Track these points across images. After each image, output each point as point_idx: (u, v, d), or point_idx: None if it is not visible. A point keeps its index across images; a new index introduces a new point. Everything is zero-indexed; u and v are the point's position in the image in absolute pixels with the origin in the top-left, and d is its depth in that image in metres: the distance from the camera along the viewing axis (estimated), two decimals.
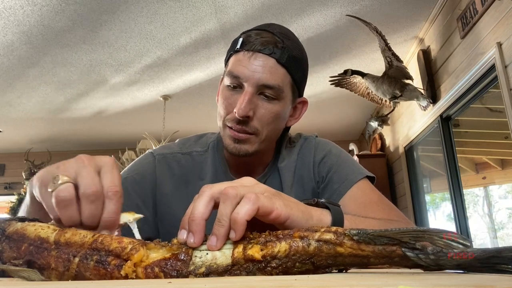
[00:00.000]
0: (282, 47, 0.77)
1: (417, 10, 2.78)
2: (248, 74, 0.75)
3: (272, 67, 0.76)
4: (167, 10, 2.67)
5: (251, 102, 0.76)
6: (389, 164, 4.26)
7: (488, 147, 3.56)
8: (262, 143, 0.80)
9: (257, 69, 0.75)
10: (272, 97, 0.77)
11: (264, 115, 0.77)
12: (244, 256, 0.38)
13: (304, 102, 0.89)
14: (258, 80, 0.75)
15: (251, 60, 0.76)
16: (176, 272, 0.38)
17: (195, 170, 0.87)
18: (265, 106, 0.77)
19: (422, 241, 0.36)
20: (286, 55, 0.77)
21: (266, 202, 0.45)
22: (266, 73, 0.75)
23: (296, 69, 0.80)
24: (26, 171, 5.33)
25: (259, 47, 0.76)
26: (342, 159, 0.87)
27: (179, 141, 0.93)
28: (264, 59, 0.76)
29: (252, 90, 0.76)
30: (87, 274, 0.38)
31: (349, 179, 0.81)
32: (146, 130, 4.34)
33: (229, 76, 0.78)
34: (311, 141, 0.92)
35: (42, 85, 3.69)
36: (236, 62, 0.77)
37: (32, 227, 0.42)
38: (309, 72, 4.41)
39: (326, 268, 0.39)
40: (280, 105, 0.79)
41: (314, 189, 0.86)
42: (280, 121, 0.82)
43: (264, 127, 0.78)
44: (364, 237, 0.37)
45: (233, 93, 0.78)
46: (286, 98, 0.80)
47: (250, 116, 0.76)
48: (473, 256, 0.34)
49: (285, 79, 0.78)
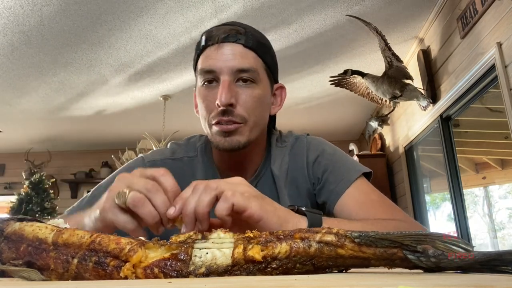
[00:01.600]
0: (246, 33, 0.77)
1: (417, 10, 2.78)
2: (220, 64, 0.75)
3: (241, 51, 0.76)
4: (167, 10, 2.67)
5: (231, 89, 0.74)
6: (389, 164, 4.26)
7: (488, 147, 3.56)
8: (252, 132, 0.78)
9: (227, 57, 0.75)
10: (250, 80, 0.76)
11: (247, 101, 0.76)
12: (245, 257, 0.38)
13: (281, 87, 0.89)
14: (232, 67, 0.75)
15: (219, 51, 0.75)
16: (176, 273, 0.37)
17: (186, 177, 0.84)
18: (246, 92, 0.76)
19: (424, 245, 0.36)
20: (251, 39, 0.77)
21: (241, 200, 0.50)
22: (237, 58, 0.75)
23: (264, 52, 0.80)
24: (26, 171, 5.33)
25: (223, 37, 0.75)
26: (336, 158, 0.85)
27: (171, 146, 0.92)
28: (231, 46, 0.76)
29: (229, 78, 0.75)
30: (87, 275, 0.38)
31: (345, 178, 0.79)
32: (146, 130, 4.34)
33: (202, 74, 0.77)
34: (302, 140, 0.89)
35: (42, 85, 3.69)
36: (205, 58, 0.77)
37: (30, 228, 0.42)
38: (309, 72, 4.37)
39: (326, 269, 0.39)
40: (260, 89, 0.78)
41: (309, 191, 0.84)
42: (264, 106, 0.80)
43: (250, 114, 0.77)
44: (366, 240, 0.37)
45: (211, 89, 0.77)
46: (263, 81, 0.79)
47: (234, 104, 0.75)
48: (473, 257, 0.34)
49: (257, 61, 0.78)
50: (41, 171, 5.12)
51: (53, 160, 5.55)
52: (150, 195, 0.50)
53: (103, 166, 5.44)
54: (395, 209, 0.77)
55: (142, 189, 0.50)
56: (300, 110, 4.50)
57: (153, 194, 0.50)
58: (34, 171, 5.23)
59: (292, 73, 3.57)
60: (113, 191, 0.52)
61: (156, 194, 0.50)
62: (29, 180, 4.83)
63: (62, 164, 5.68)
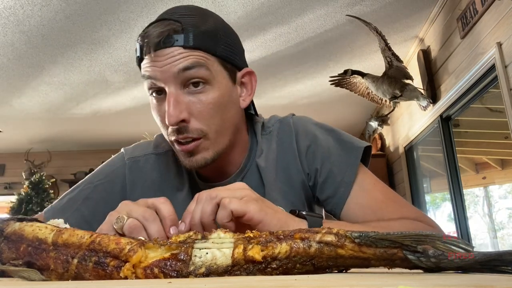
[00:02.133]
0: (183, 29, 0.64)
1: (417, 10, 2.78)
2: (160, 73, 0.64)
3: (182, 53, 0.64)
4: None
5: (179, 102, 0.64)
6: (389, 164, 4.26)
7: (488, 147, 3.56)
8: (217, 143, 0.69)
9: (166, 67, 0.64)
10: (201, 82, 0.65)
11: (201, 111, 0.66)
12: (245, 257, 0.38)
13: (249, 73, 0.75)
14: (173, 73, 0.64)
15: (155, 61, 0.64)
16: (176, 273, 0.37)
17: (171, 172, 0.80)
18: (199, 100, 0.65)
19: (424, 245, 0.36)
20: (191, 35, 0.64)
21: (239, 205, 0.52)
22: (178, 63, 0.64)
23: (213, 43, 0.67)
24: (26, 171, 5.32)
25: (156, 43, 0.64)
26: (331, 144, 0.77)
27: (156, 138, 0.86)
28: (168, 52, 0.64)
29: (174, 87, 0.65)
30: (86, 275, 0.38)
31: (350, 165, 0.73)
32: (146, 130, 4.33)
33: (146, 82, 0.68)
34: (287, 122, 0.80)
35: (42, 85, 3.69)
36: (145, 67, 0.66)
37: (30, 228, 0.42)
38: (309, 72, 4.35)
39: (326, 269, 0.39)
40: (216, 89, 0.67)
41: (303, 182, 0.77)
42: (226, 108, 0.69)
43: (209, 124, 0.67)
44: (366, 240, 0.37)
45: (160, 102, 0.68)
46: (218, 77, 0.67)
47: (186, 119, 0.65)
48: (473, 256, 0.34)
49: (205, 57, 0.65)
50: (41, 171, 5.12)
51: (53, 160, 5.55)
52: (146, 224, 0.52)
53: None
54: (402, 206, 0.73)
55: (139, 217, 0.52)
56: (300, 110, 4.49)
57: (149, 223, 0.52)
58: (34, 171, 5.22)
59: (292, 73, 3.57)
60: (113, 216, 0.54)
61: (152, 223, 0.52)
62: (29, 180, 4.83)
63: (62, 164, 5.67)
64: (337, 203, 0.73)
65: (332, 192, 0.74)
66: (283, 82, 3.76)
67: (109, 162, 0.85)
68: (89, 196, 0.79)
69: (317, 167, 0.75)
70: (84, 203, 0.79)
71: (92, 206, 0.78)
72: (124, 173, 0.81)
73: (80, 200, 0.79)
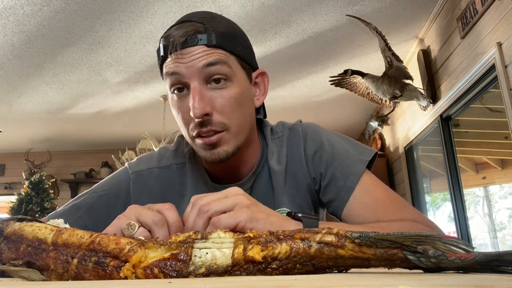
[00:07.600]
0: (206, 29, 0.68)
1: (417, 10, 2.78)
2: (185, 70, 0.68)
3: (205, 51, 0.68)
4: (167, 10, 2.66)
5: (204, 96, 0.68)
6: (389, 164, 4.26)
7: (488, 147, 3.56)
8: (238, 137, 0.72)
9: (191, 63, 0.67)
10: (223, 79, 0.69)
11: (224, 105, 0.69)
12: (245, 257, 0.38)
13: (262, 73, 0.80)
14: (198, 69, 0.67)
15: (181, 59, 0.68)
16: (176, 273, 0.37)
17: (175, 185, 0.82)
18: (221, 95, 0.69)
19: (424, 245, 0.36)
20: (214, 35, 0.69)
21: (228, 220, 0.53)
22: (203, 59, 0.67)
23: (232, 43, 0.71)
24: (26, 171, 5.32)
25: (182, 41, 0.67)
26: (337, 149, 0.79)
27: (159, 151, 0.88)
28: (192, 50, 0.67)
29: (199, 83, 0.68)
30: (86, 275, 0.38)
31: (353, 172, 0.75)
32: (146, 130, 4.33)
33: (169, 79, 0.70)
34: (297, 130, 0.83)
35: (42, 85, 3.69)
36: (169, 65, 0.69)
37: (30, 228, 0.42)
38: (309, 72, 4.36)
39: (327, 269, 0.39)
40: (236, 86, 0.71)
41: (309, 186, 0.79)
42: (245, 104, 0.73)
43: (230, 118, 0.70)
44: (366, 240, 0.37)
45: (182, 99, 0.70)
46: (238, 75, 0.72)
47: (210, 112, 0.68)
48: (473, 257, 0.34)
49: (226, 56, 0.70)
50: (41, 171, 5.12)
51: (53, 160, 5.55)
52: (155, 228, 0.54)
53: (103, 166, 5.44)
54: (403, 207, 0.74)
55: (149, 221, 0.54)
56: (300, 110, 4.50)
57: (158, 228, 0.54)
58: (34, 171, 5.22)
59: (292, 73, 3.57)
60: (122, 220, 0.56)
61: (160, 228, 0.54)
62: (29, 180, 4.83)
63: (62, 164, 5.68)
64: (338, 206, 0.75)
65: (334, 196, 0.76)
66: (283, 82, 3.76)
67: (114, 175, 0.87)
68: (92, 205, 0.81)
69: (321, 172, 0.78)
70: (87, 212, 0.80)
71: (95, 215, 0.79)
72: (128, 186, 0.82)
73: (83, 209, 0.80)
